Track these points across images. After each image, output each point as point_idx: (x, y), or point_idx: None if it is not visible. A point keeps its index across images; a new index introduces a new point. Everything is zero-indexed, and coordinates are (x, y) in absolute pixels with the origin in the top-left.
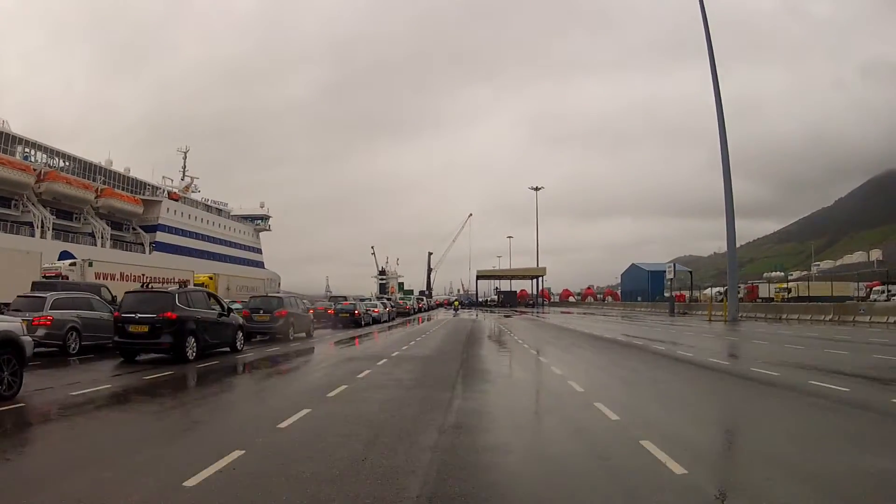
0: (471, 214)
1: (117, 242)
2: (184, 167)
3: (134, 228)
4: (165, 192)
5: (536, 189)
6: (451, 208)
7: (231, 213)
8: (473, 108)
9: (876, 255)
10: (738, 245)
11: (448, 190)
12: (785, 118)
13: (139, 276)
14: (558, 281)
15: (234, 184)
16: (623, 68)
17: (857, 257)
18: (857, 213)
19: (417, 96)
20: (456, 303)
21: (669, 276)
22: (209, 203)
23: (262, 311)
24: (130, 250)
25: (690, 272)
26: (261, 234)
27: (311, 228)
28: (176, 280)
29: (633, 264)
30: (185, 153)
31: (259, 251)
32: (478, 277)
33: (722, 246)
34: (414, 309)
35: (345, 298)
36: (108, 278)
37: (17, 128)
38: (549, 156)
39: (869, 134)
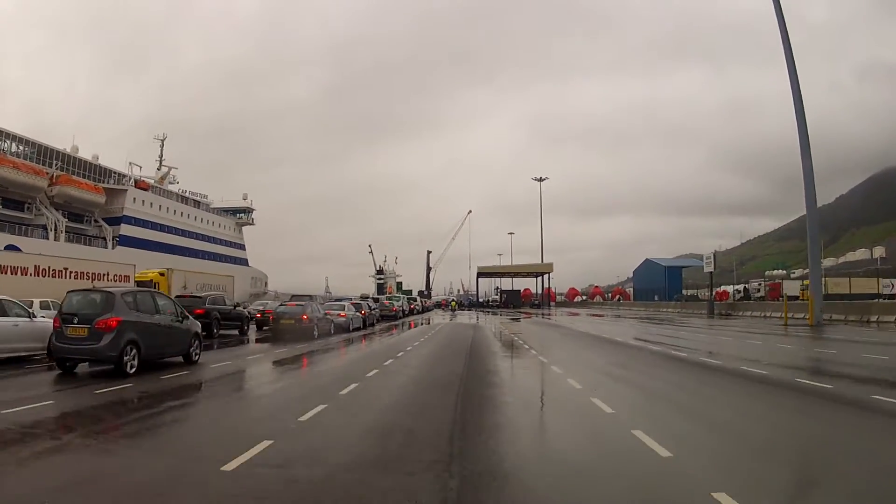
0: (470, 211)
1: (77, 236)
2: (160, 156)
3: (96, 221)
4: (132, 180)
5: (541, 180)
6: (450, 209)
7: (211, 206)
8: (473, 109)
9: (879, 252)
10: (738, 243)
11: (448, 190)
12: (782, 118)
13: (61, 271)
14: (558, 280)
15: (235, 184)
16: (622, 69)
17: (859, 254)
18: (858, 210)
19: (417, 97)
20: (453, 303)
21: (708, 269)
22: (186, 194)
23: (76, 320)
24: (92, 245)
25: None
26: (244, 228)
27: (311, 228)
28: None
29: (646, 259)
30: (163, 141)
31: (242, 247)
32: (478, 275)
33: (723, 244)
34: (403, 311)
35: (310, 297)
36: (20, 272)
37: (19, 128)
38: (549, 156)
39: (867, 133)
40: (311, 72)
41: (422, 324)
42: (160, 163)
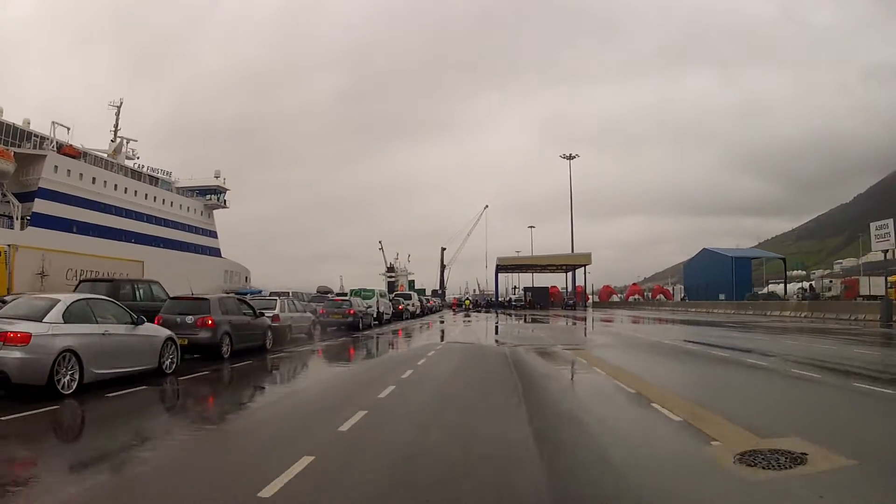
0: (487, 206)
1: None
2: (116, 125)
3: (4, 194)
4: (54, 143)
5: (570, 157)
6: (465, 209)
7: (174, 185)
8: (486, 112)
9: None
10: (755, 243)
11: (462, 191)
12: (793, 121)
13: None
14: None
15: (252, 184)
16: (632, 73)
17: (881, 254)
18: (877, 209)
19: (431, 101)
20: (467, 302)
21: (882, 244)
22: (143, 169)
23: None
24: None
25: (783, 259)
26: (217, 212)
27: (326, 228)
28: None
29: (704, 250)
30: (119, 107)
31: (212, 234)
32: (497, 269)
33: (741, 243)
34: (380, 316)
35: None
36: None
37: (38, 125)
38: (561, 158)
39: (878, 134)
40: (327, 75)
41: (389, 349)
42: (115, 133)
